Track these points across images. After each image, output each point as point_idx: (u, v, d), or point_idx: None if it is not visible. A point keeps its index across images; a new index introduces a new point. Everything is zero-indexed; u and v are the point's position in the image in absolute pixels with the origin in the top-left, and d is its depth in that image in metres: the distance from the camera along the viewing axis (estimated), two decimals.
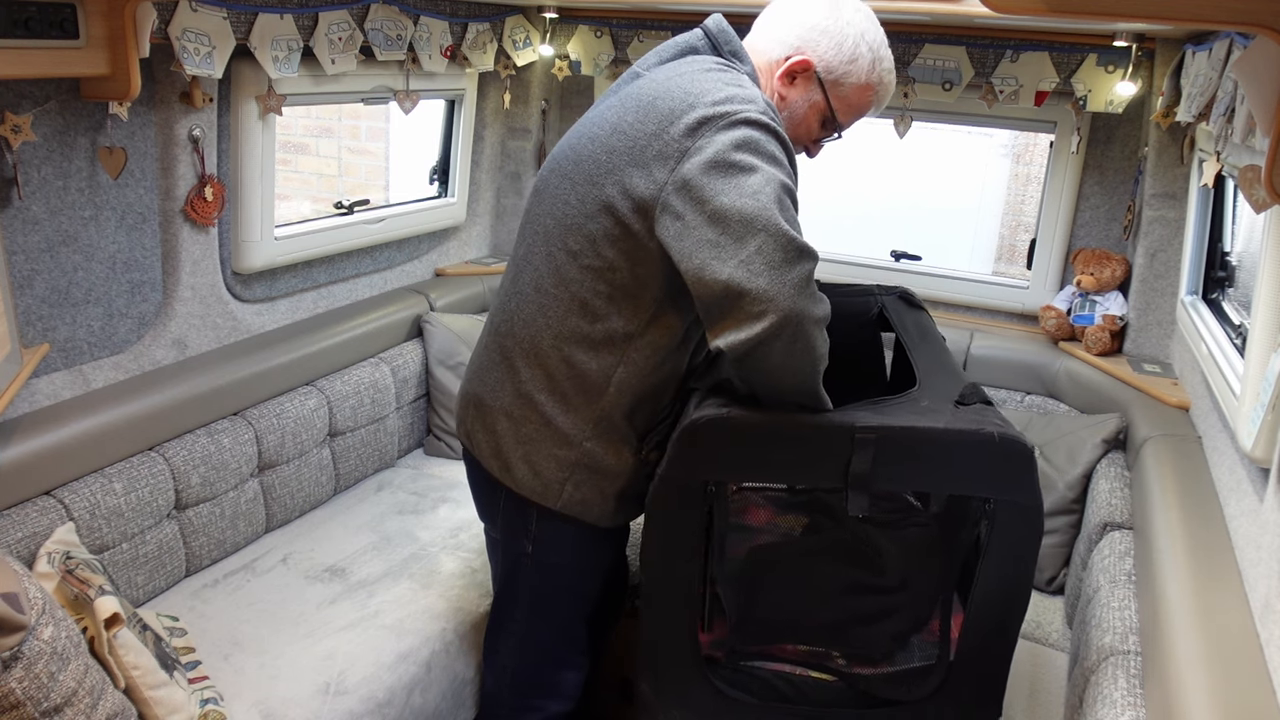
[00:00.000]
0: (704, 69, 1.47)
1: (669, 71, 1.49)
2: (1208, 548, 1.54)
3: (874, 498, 1.40)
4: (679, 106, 1.39)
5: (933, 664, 1.53)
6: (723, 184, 1.31)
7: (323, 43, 2.23)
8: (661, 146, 1.38)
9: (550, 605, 1.72)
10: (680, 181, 1.35)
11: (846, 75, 1.54)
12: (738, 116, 1.35)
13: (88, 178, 1.88)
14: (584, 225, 1.47)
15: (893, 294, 1.97)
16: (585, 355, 1.51)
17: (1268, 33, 1.10)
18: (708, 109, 1.37)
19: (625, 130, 1.44)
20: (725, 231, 1.30)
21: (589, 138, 1.51)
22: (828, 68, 1.53)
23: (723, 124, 1.35)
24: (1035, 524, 1.38)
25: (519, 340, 1.57)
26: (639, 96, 1.46)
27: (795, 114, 1.56)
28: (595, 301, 1.48)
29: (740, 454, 1.42)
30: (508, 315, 1.60)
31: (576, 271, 1.49)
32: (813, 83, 1.54)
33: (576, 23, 2.96)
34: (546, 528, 1.63)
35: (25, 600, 1.28)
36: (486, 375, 1.63)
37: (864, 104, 1.59)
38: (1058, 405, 2.58)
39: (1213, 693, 1.16)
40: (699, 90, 1.40)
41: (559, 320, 1.51)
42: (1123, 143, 2.60)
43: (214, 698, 1.68)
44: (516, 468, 1.59)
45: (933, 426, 1.36)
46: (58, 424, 1.80)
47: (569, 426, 1.54)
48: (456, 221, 3.07)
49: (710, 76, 1.44)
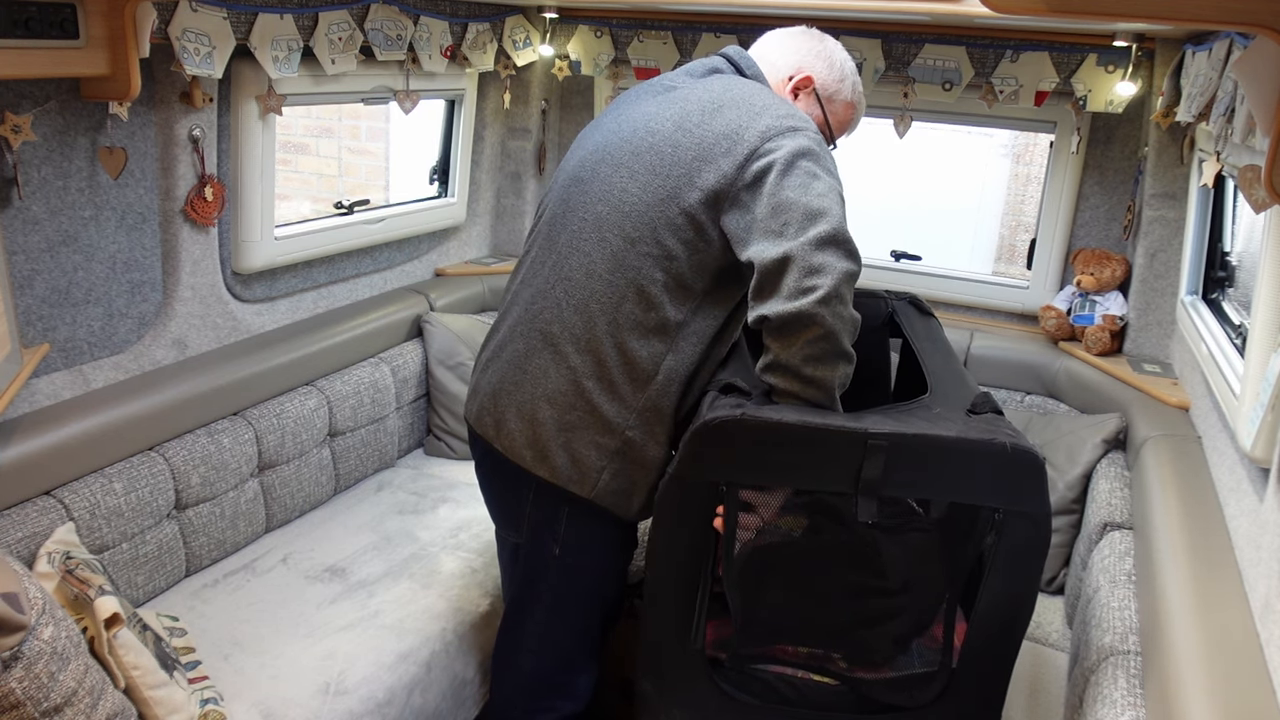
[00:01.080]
0: (758, 86, 1.61)
1: (722, 83, 1.62)
2: (1208, 548, 1.54)
3: (880, 503, 1.40)
4: (748, 113, 1.52)
5: (935, 670, 1.53)
6: (792, 182, 1.43)
7: (323, 43, 2.23)
8: (731, 145, 1.49)
9: (571, 608, 1.73)
10: (753, 177, 1.46)
11: (838, 93, 1.73)
12: (803, 130, 1.50)
13: (88, 178, 1.88)
14: (645, 214, 1.54)
15: (903, 299, 1.98)
16: (637, 342, 1.55)
17: (1268, 33, 1.10)
18: (775, 119, 1.50)
19: (691, 129, 1.54)
20: (789, 222, 1.41)
21: (648, 131, 1.58)
22: (824, 84, 1.71)
23: (791, 134, 1.48)
24: (1043, 535, 1.38)
25: (568, 326, 1.58)
26: (701, 100, 1.57)
27: None
28: (651, 289, 1.54)
29: (751, 456, 1.42)
30: (552, 302, 1.61)
31: (635, 259, 1.54)
32: (813, 98, 1.71)
33: (576, 23, 2.96)
34: (574, 528, 1.65)
35: (25, 600, 1.28)
36: (525, 364, 1.63)
37: (849, 120, 1.77)
38: (1058, 405, 2.58)
39: (1213, 693, 1.16)
40: (763, 103, 1.54)
41: (614, 306, 1.55)
42: (1123, 143, 2.60)
43: (214, 698, 1.68)
44: (555, 455, 1.60)
45: (946, 435, 1.35)
46: (58, 424, 1.80)
47: (614, 414, 1.58)
48: (456, 221, 3.07)
49: (768, 94, 1.58)
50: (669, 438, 1.61)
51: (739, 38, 2.73)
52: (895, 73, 2.64)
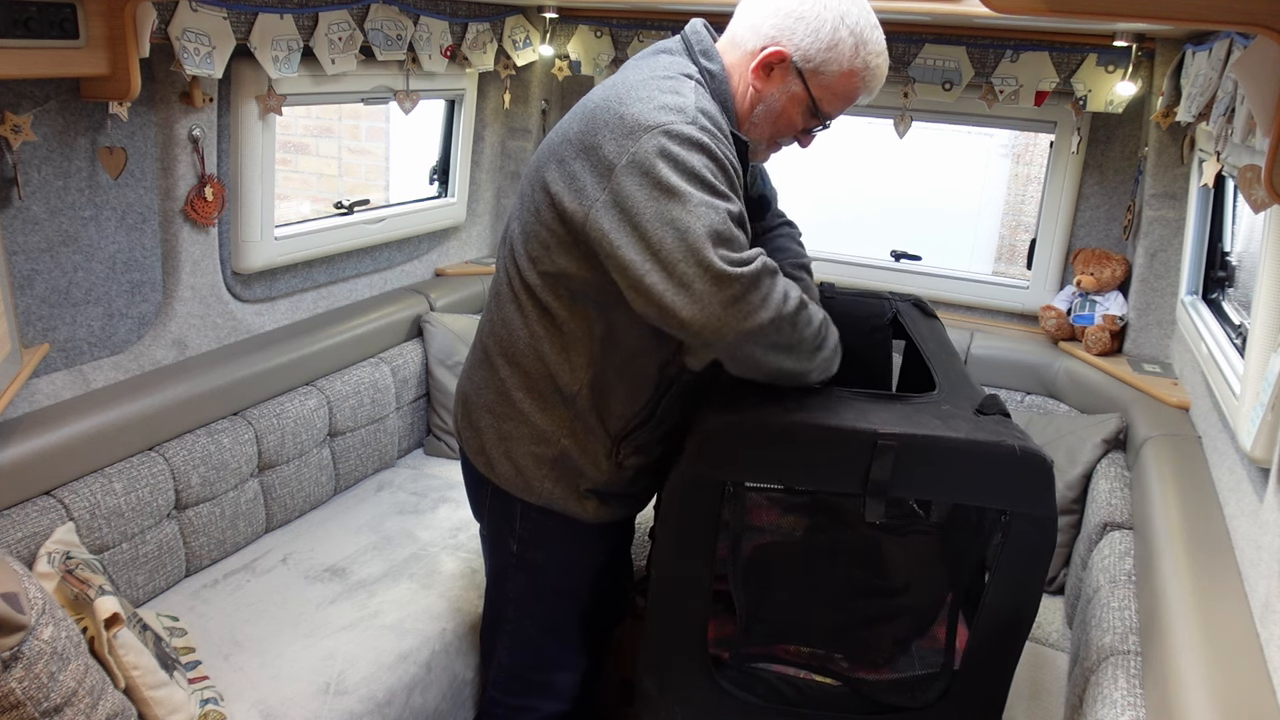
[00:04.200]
0: (646, 75, 1.44)
1: (614, 79, 1.48)
2: (1208, 548, 1.54)
3: (887, 504, 1.40)
4: (610, 119, 1.37)
5: (937, 672, 1.53)
6: (646, 205, 1.31)
7: (323, 43, 2.23)
8: (592, 157, 1.37)
9: (539, 604, 1.72)
10: (606, 198, 1.34)
11: (827, 63, 1.45)
12: (658, 129, 1.33)
13: (88, 178, 1.88)
14: (539, 233, 1.48)
15: (906, 301, 1.98)
16: (557, 356, 1.52)
17: (1268, 33, 1.10)
18: (630, 121, 1.35)
19: (571, 138, 1.43)
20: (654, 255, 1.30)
21: (548, 145, 1.51)
22: (805, 56, 1.45)
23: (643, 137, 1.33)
24: (1049, 538, 1.38)
25: (498, 339, 1.59)
26: (586, 103, 1.46)
27: (773, 108, 1.50)
28: (556, 305, 1.50)
29: (759, 455, 1.42)
30: (489, 315, 1.64)
31: (536, 278, 1.50)
32: (790, 73, 1.46)
33: (576, 23, 2.96)
34: (530, 525, 1.64)
35: (25, 600, 1.28)
36: (473, 373, 1.66)
37: (851, 91, 1.50)
38: (1058, 405, 2.58)
39: (1213, 693, 1.16)
40: (630, 100, 1.38)
41: (527, 324, 1.53)
42: (1123, 143, 2.60)
43: (214, 698, 1.68)
44: (499, 463, 1.61)
45: (954, 436, 1.35)
46: (58, 424, 1.80)
47: (546, 424, 1.56)
48: (456, 221, 3.07)
49: (645, 85, 1.41)
50: (607, 451, 1.57)
51: None
52: (895, 72, 2.64)
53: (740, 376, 1.44)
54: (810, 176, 4.46)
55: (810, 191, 4.43)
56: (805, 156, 1.75)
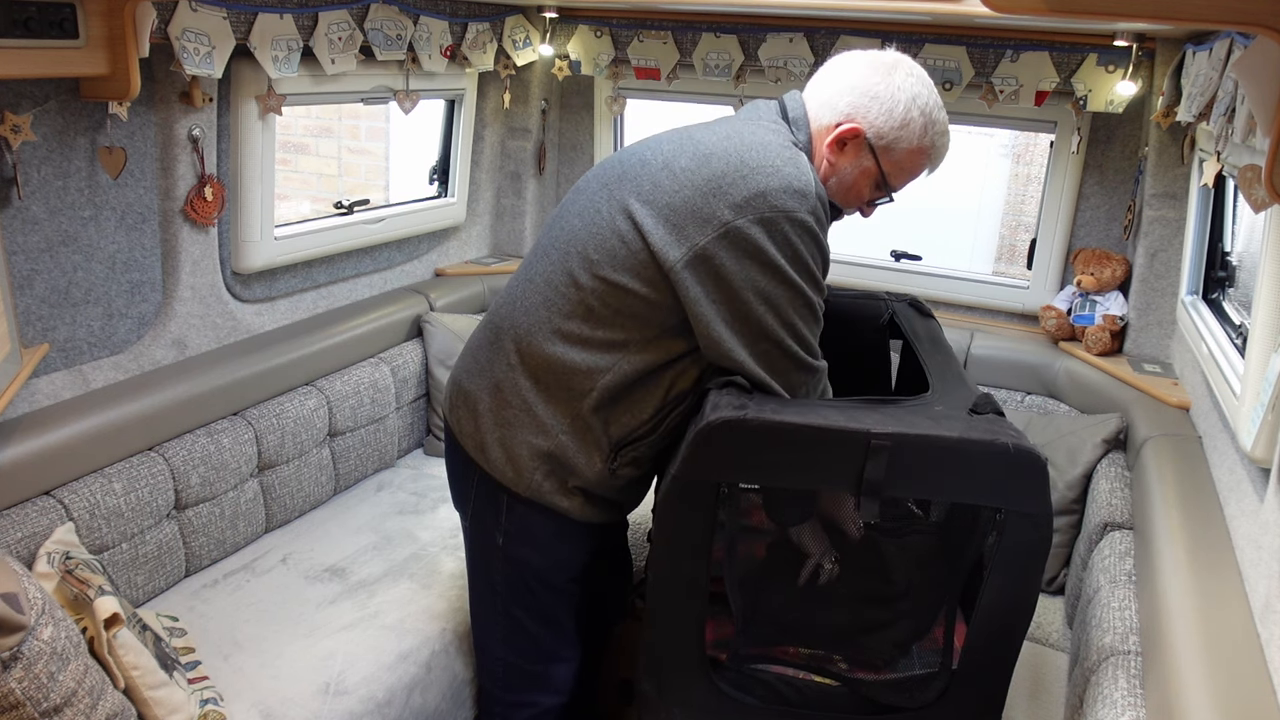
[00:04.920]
0: (766, 128, 1.50)
1: (732, 125, 1.53)
2: (1208, 548, 1.54)
3: (882, 504, 1.40)
4: (731, 172, 1.42)
5: (935, 672, 1.53)
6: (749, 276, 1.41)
7: (323, 43, 2.23)
8: (703, 205, 1.42)
9: (529, 598, 1.72)
10: (710, 252, 1.41)
11: (898, 141, 1.53)
12: (783, 211, 1.40)
13: (87, 178, 1.88)
14: (609, 240, 1.49)
15: (902, 301, 1.98)
16: (578, 354, 1.53)
17: (1268, 33, 1.10)
18: (757, 187, 1.40)
19: (676, 173, 1.46)
20: (742, 325, 1.44)
21: (640, 161, 1.53)
22: (878, 134, 1.52)
23: (767, 213, 1.40)
24: (1044, 536, 1.38)
25: (517, 325, 1.59)
26: (699, 142, 1.49)
27: (844, 180, 1.57)
28: (602, 311, 1.51)
29: (754, 456, 1.42)
30: (511, 300, 1.63)
31: (590, 279, 1.51)
32: (863, 149, 1.53)
33: (576, 23, 2.96)
34: (515, 518, 1.64)
35: (25, 600, 1.28)
36: (478, 354, 1.66)
37: (917, 167, 1.59)
38: (1058, 405, 2.57)
39: (1213, 693, 1.16)
40: (755, 162, 1.42)
41: (561, 317, 1.53)
42: (1123, 143, 2.60)
43: (214, 698, 1.68)
44: (491, 450, 1.61)
45: (948, 435, 1.35)
46: (58, 424, 1.80)
47: (547, 417, 1.56)
48: (456, 221, 3.07)
49: (767, 150, 1.45)
50: (603, 455, 1.58)
51: (739, 38, 2.73)
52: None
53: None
54: None
55: None
56: None
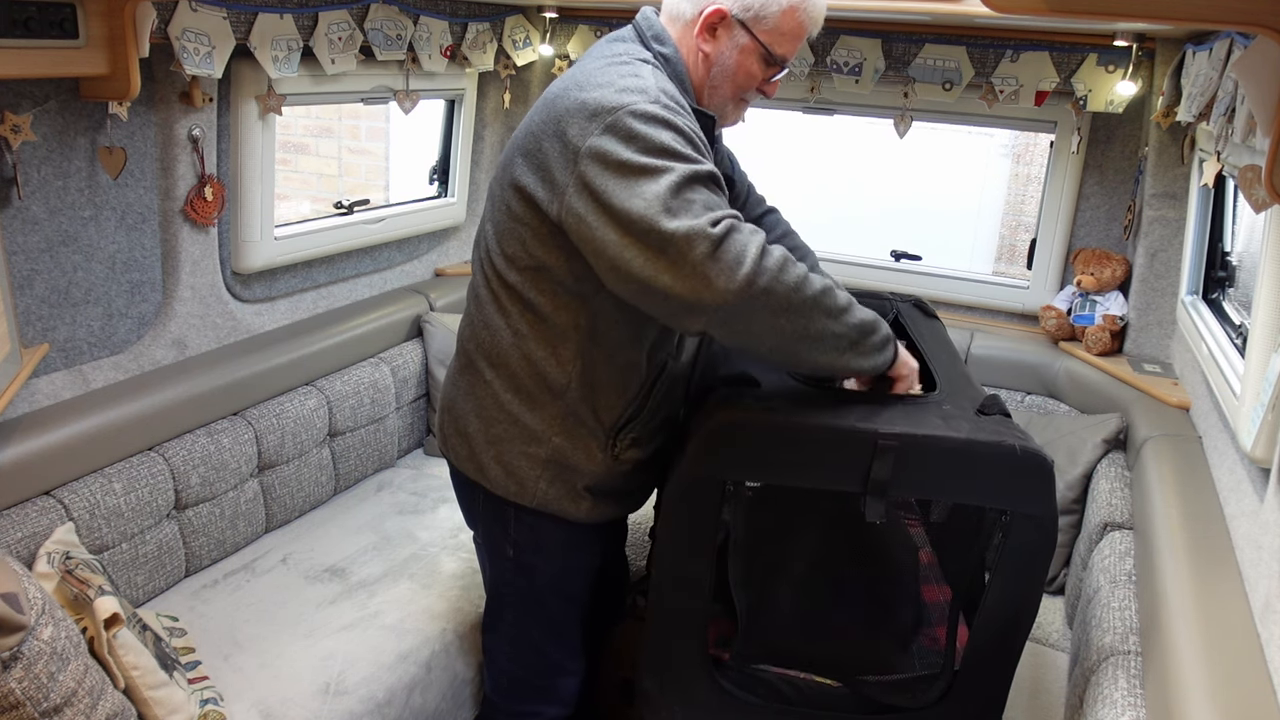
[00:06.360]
0: (604, 63, 1.45)
1: (572, 70, 1.50)
2: (1208, 548, 1.54)
3: (888, 504, 1.40)
4: (572, 106, 1.38)
5: (937, 672, 1.53)
6: (615, 182, 1.31)
7: (323, 43, 2.23)
8: (559, 145, 1.37)
9: (539, 608, 1.72)
10: (579, 182, 1.34)
11: (765, 7, 1.47)
12: (620, 109, 1.34)
13: (87, 178, 1.88)
14: (513, 229, 1.48)
15: (907, 302, 1.98)
16: (544, 352, 1.52)
17: (1268, 33, 1.10)
18: (593, 105, 1.36)
19: (534, 130, 1.44)
20: (628, 232, 1.29)
21: (510, 142, 1.52)
22: (743, 7, 1.48)
23: (607, 118, 1.34)
24: (1049, 538, 1.38)
25: (480, 343, 1.58)
26: (545, 97, 1.47)
27: (726, 66, 1.52)
28: (540, 300, 1.49)
29: (760, 455, 1.42)
30: (469, 320, 1.63)
31: (516, 275, 1.50)
32: (734, 27, 1.49)
33: (576, 23, 2.96)
34: (524, 529, 1.63)
35: (25, 600, 1.28)
36: (457, 380, 1.65)
37: (797, 27, 1.51)
38: (1058, 405, 2.58)
39: (1213, 693, 1.16)
40: (590, 86, 1.39)
41: (516, 320, 1.52)
42: (1123, 143, 2.60)
43: (214, 698, 1.68)
44: (490, 468, 1.60)
45: (955, 436, 1.35)
46: (58, 424, 1.80)
47: (536, 424, 1.55)
48: (456, 221, 3.07)
49: (605, 71, 1.42)
50: (601, 444, 1.57)
51: None
52: (895, 72, 2.64)
53: (764, 359, 1.40)
54: (812, 176, 4.46)
55: (810, 191, 4.43)
56: (805, 156, 1.74)
